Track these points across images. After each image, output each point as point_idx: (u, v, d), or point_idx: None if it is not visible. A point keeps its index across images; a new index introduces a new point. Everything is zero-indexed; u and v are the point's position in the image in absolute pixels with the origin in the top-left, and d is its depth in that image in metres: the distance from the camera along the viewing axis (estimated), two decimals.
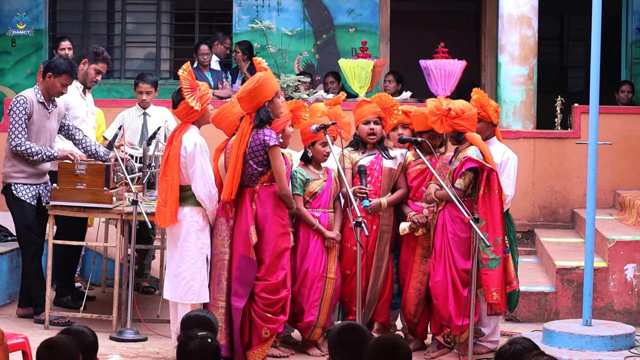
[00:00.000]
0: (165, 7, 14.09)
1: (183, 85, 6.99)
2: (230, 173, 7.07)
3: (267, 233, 7.10)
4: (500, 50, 11.04)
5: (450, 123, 7.26)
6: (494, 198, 7.21)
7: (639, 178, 10.86)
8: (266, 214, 7.10)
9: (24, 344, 5.98)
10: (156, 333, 7.85)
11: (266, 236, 7.10)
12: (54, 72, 8.05)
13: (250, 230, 7.05)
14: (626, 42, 13.53)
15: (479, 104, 7.58)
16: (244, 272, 7.06)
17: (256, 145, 7.05)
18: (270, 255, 7.10)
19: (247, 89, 7.08)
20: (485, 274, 7.21)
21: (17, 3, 13.55)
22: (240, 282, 7.07)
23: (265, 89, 7.06)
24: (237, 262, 7.09)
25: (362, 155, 7.64)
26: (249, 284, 7.07)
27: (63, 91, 8.13)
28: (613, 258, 8.68)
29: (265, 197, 7.11)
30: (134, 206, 7.60)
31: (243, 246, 7.07)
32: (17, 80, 13.35)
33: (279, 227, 7.14)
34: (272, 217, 7.11)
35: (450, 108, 7.24)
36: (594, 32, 7.78)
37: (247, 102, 7.10)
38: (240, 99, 7.15)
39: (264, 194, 7.11)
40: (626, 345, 7.62)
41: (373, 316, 7.68)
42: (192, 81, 7.06)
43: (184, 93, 6.98)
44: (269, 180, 7.12)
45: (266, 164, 7.08)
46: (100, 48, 8.75)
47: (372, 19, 13.38)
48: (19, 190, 8.12)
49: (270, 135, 7.04)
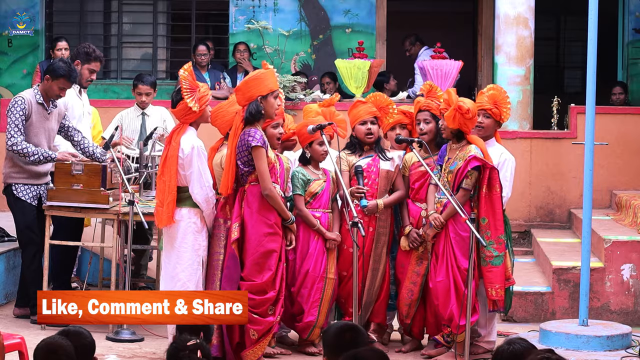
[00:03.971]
0: (162, 7, 14.07)
1: (183, 85, 6.99)
2: (225, 168, 7.10)
3: (249, 232, 7.10)
4: (496, 51, 11.05)
5: (462, 121, 7.24)
6: (495, 196, 7.22)
7: (635, 178, 10.87)
8: (251, 213, 7.10)
9: (20, 344, 5.97)
10: (153, 333, 7.85)
11: (249, 235, 7.09)
12: (52, 76, 8.05)
13: (233, 226, 7.05)
14: (622, 43, 13.53)
15: (494, 100, 7.56)
16: (231, 271, 7.08)
17: (241, 146, 7.06)
18: (253, 255, 7.08)
19: (244, 80, 7.21)
20: (489, 272, 7.23)
21: (14, 3, 13.53)
22: (228, 280, 7.07)
23: (261, 83, 7.10)
24: (227, 260, 7.11)
25: (359, 158, 7.64)
26: (235, 282, 7.06)
27: (61, 94, 8.12)
28: (609, 258, 8.69)
29: (252, 197, 7.12)
30: (131, 206, 7.60)
31: (230, 244, 7.09)
32: (13, 81, 13.34)
33: (264, 227, 7.11)
34: (257, 217, 7.09)
35: (469, 108, 7.20)
36: (591, 32, 7.78)
37: (242, 93, 7.14)
38: (237, 89, 7.24)
39: (251, 193, 7.12)
40: (623, 346, 7.63)
41: (370, 317, 7.69)
42: (193, 82, 7.07)
43: (184, 94, 6.98)
44: (257, 179, 7.12)
45: (252, 164, 7.08)
46: (92, 47, 8.74)
47: (369, 19, 13.38)
48: (20, 191, 8.12)
49: (254, 136, 7.04)
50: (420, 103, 7.64)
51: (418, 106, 7.65)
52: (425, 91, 7.68)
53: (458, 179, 7.25)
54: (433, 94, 7.61)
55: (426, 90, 7.68)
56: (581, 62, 13.74)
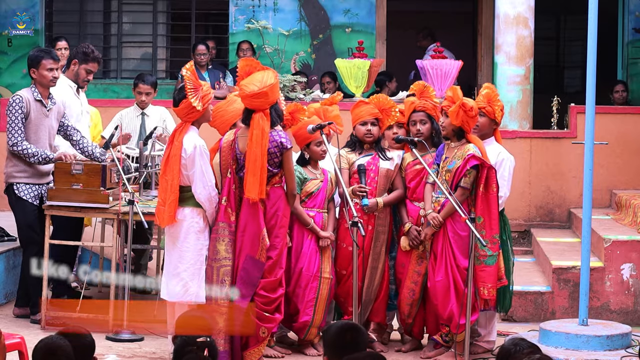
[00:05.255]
0: (162, 6, 14.07)
1: (187, 85, 6.96)
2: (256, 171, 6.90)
3: (276, 232, 7.09)
4: (496, 50, 11.04)
5: (464, 118, 7.23)
6: (491, 196, 7.23)
7: (635, 178, 10.87)
8: (277, 214, 7.08)
9: (20, 344, 5.97)
10: (153, 333, 7.85)
11: (275, 235, 7.08)
12: (35, 65, 8.12)
13: (263, 232, 7.00)
14: (622, 42, 13.53)
15: (488, 98, 7.57)
16: (250, 273, 7.01)
17: (273, 147, 6.98)
18: (278, 255, 7.09)
19: (272, 83, 6.96)
20: (482, 271, 7.23)
21: (14, 3, 13.54)
22: (245, 282, 7.01)
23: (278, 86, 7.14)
24: (243, 262, 7.04)
25: (359, 156, 7.64)
26: (254, 285, 7.02)
27: (54, 75, 8.12)
28: (609, 258, 8.69)
29: (275, 198, 7.09)
30: (131, 206, 7.60)
31: (250, 247, 6.99)
32: (13, 80, 13.34)
33: (286, 226, 7.18)
34: (281, 217, 7.12)
35: (472, 106, 7.21)
36: (590, 32, 7.78)
37: (267, 97, 6.94)
38: (262, 93, 6.90)
39: (274, 195, 7.08)
40: (622, 345, 7.62)
41: (369, 316, 7.69)
42: (196, 81, 7.05)
43: (188, 93, 6.95)
44: (279, 181, 7.12)
45: (279, 166, 7.06)
46: (90, 47, 8.75)
47: (369, 19, 13.38)
48: (21, 190, 8.12)
49: (286, 138, 7.04)
50: (415, 104, 7.61)
51: (412, 107, 7.62)
52: (418, 91, 7.65)
53: (456, 177, 7.25)
54: (426, 94, 7.60)
55: (419, 91, 7.65)
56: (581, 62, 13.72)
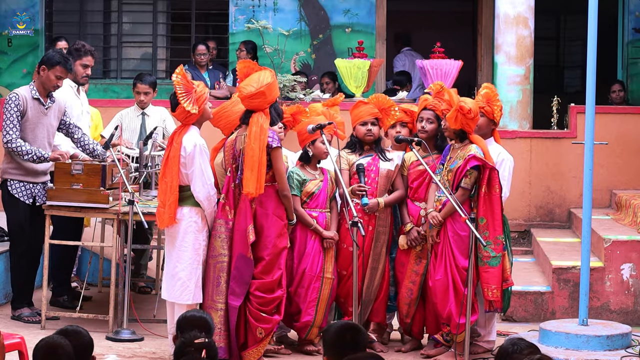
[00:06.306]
0: (162, 6, 14.07)
1: (177, 90, 6.95)
2: (254, 166, 6.95)
3: (265, 233, 7.10)
4: (496, 50, 11.04)
5: (464, 121, 7.23)
6: (494, 196, 7.22)
7: (635, 178, 10.87)
8: (266, 214, 7.10)
9: (20, 344, 5.97)
10: (153, 333, 7.85)
11: (265, 236, 7.09)
12: (48, 65, 8.07)
13: (249, 228, 7.04)
14: (622, 42, 13.53)
15: (487, 98, 7.57)
16: (241, 271, 7.06)
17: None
18: (270, 254, 7.10)
19: (268, 82, 7.04)
20: (486, 272, 7.23)
21: (14, 3, 13.54)
22: (238, 281, 7.07)
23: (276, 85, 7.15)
24: (235, 261, 7.08)
25: (359, 157, 7.64)
26: (246, 283, 7.07)
27: (58, 84, 8.12)
28: (609, 258, 8.69)
29: (266, 197, 7.10)
30: (131, 206, 7.60)
31: (241, 245, 7.06)
32: (13, 80, 13.33)
33: (279, 227, 7.15)
34: (272, 218, 7.11)
35: (470, 108, 7.20)
36: (590, 32, 7.78)
37: (265, 96, 7.04)
38: (260, 93, 7.01)
39: (264, 193, 7.09)
40: (622, 345, 7.62)
41: (369, 316, 7.69)
42: (187, 84, 7.02)
43: (179, 99, 6.95)
44: (270, 180, 7.12)
45: (268, 165, 7.07)
46: (80, 43, 8.77)
47: (369, 18, 13.38)
48: (14, 188, 8.11)
49: (273, 137, 7.05)
50: (427, 101, 7.62)
51: (424, 104, 7.63)
52: (435, 91, 7.66)
53: (457, 178, 7.25)
54: (441, 96, 7.60)
55: (435, 91, 7.66)
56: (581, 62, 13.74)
